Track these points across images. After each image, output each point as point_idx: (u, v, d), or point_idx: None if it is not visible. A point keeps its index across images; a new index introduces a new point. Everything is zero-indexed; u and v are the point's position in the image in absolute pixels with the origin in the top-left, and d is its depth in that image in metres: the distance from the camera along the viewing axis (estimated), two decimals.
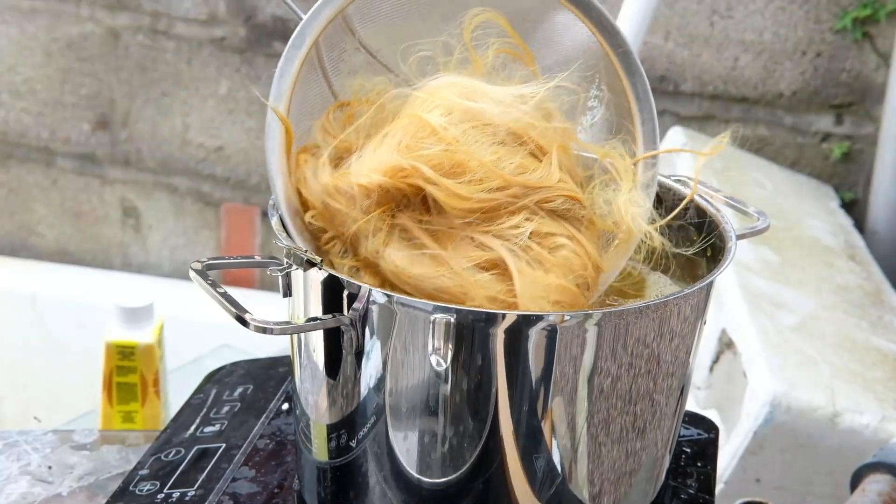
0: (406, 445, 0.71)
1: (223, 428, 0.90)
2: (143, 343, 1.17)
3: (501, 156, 0.71)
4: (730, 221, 0.80)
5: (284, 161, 0.76)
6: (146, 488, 0.83)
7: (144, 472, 0.85)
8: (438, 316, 0.66)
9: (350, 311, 0.69)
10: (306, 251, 0.71)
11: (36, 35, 2.03)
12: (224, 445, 0.88)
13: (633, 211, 0.75)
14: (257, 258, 0.74)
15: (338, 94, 0.80)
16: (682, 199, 0.83)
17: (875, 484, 0.89)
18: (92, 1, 1.99)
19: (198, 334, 1.58)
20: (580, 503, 0.73)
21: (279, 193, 0.75)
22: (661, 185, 0.85)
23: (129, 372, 1.17)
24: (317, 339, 0.73)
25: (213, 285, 0.70)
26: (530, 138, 0.72)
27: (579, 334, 0.68)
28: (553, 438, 0.70)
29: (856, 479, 0.92)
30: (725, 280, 1.35)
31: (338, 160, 0.76)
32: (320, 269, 0.70)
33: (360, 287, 0.69)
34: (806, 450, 1.19)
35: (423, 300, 0.68)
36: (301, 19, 0.77)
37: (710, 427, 0.94)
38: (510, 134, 0.72)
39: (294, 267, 0.71)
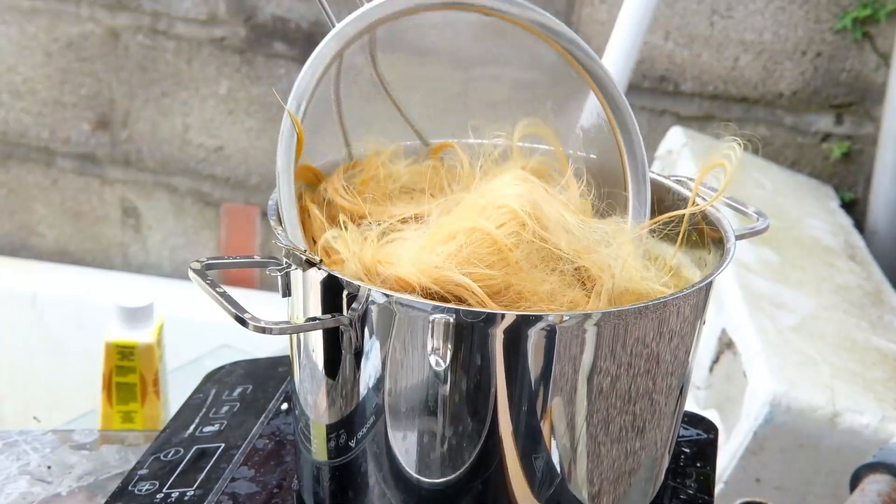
0: (405, 445, 0.71)
1: (222, 428, 0.90)
2: (143, 343, 1.17)
3: (556, 289, 0.70)
4: (729, 222, 0.80)
5: (292, 162, 0.75)
6: (145, 488, 0.83)
7: (144, 471, 0.85)
8: (437, 316, 0.66)
9: (349, 311, 0.69)
10: (305, 251, 0.71)
11: (36, 35, 2.03)
12: (223, 445, 0.88)
13: (636, 274, 0.75)
14: (257, 258, 0.74)
15: (343, 115, 0.81)
16: (682, 200, 0.83)
17: (875, 484, 0.89)
18: (92, 1, 1.99)
19: (197, 334, 1.58)
20: (579, 503, 0.73)
21: (283, 191, 0.75)
22: (661, 185, 0.85)
23: (128, 372, 1.17)
24: (316, 339, 0.73)
25: (213, 285, 0.70)
26: (588, 272, 0.72)
27: (578, 334, 0.67)
28: (552, 438, 0.70)
29: (855, 480, 0.92)
30: (725, 280, 1.35)
31: (355, 222, 0.77)
32: (319, 269, 0.70)
33: (359, 287, 0.69)
34: (806, 450, 1.19)
35: (422, 300, 0.68)
36: (334, 26, 0.78)
37: (709, 427, 0.94)
38: (571, 263, 0.71)
39: (293, 267, 0.70)
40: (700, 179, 0.82)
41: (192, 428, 0.91)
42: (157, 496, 0.82)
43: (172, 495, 0.82)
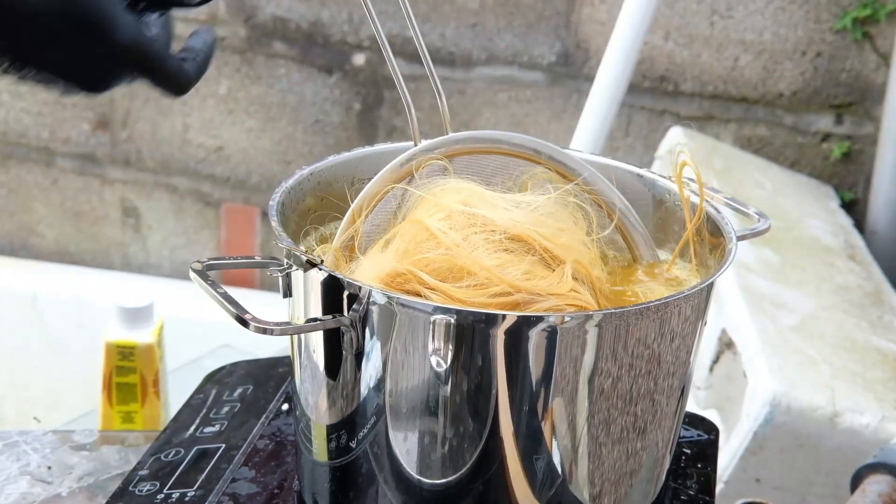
0: (406, 446, 0.71)
1: (223, 428, 0.90)
2: (143, 343, 1.17)
3: (506, 261, 0.71)
4: (730, 222, 0.80)
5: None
6: (146, 489, 0.83)
7: (144, 472, 0.85)
8: (439, 317, 0.66)
9: (350, 312, 0.69)
10: (307, 251, 0.71)
11: None
12: (224, 446, 0.88)
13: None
14: (257, 258, 0.74)
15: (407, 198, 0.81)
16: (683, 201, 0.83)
17: (875, 485, 0.89)
18: None
19: (198, 334, 1.58)
20: None
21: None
22: (661, 185, 0.85)
23: (128, 372, 1.17)
24: (317, 340, 0.73)
25: (214, 285, 0.70)
26: (543, 248, 0.72)
27: (580, 335, 0.67)
28: (553, 439, 0.70)
29: (856, 480, 0.92)
30: (725, 280, 1.35)
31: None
32: (321, 269, 0.70)
33: (360, 287, 0.69)
34: (806, 450, 1.19)
35: (423, 301, 0.68)
36: (416, 145, 0.79)
37: (710, 428, 0.94)
38: (516, 240, 0.72)
39: (294, 267, 0.71)
40: (679, 180, 0.82)
41: (192, 428, 0.91)
42: (158, 497, 0.82)
43: (173, 496, 0.82)
